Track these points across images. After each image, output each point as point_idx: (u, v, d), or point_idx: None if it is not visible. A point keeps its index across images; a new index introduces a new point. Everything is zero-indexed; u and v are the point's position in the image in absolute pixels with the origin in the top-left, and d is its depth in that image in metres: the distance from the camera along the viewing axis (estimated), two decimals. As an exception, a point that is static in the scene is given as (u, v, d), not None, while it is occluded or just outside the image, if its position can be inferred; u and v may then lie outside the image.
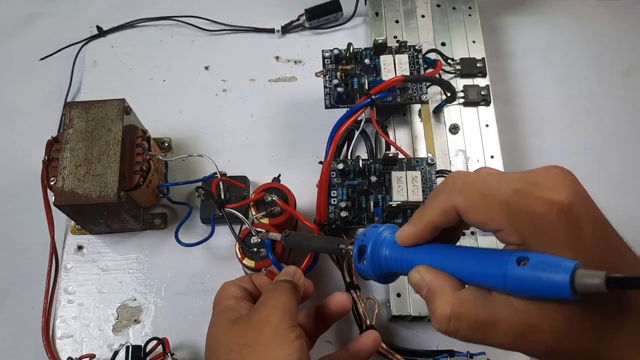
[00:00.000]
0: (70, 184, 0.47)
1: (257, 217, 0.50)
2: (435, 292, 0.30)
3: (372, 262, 0.35)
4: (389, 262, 0.34)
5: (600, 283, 0.25)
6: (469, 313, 0.29)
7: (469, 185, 0.30)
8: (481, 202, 0.29)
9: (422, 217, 0.32)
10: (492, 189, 0.29)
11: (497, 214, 0.29)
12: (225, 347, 0.38)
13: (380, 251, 0.34)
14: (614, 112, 0.63)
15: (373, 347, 0.44)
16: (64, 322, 0.53)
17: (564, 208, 0.27)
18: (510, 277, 0.27)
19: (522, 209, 0.28)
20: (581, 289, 0.25)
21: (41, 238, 0.54)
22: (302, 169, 0.57)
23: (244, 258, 0.48)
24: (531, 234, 0.28)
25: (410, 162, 0.52)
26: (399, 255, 0.33)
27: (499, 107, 0.59)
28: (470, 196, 0.30)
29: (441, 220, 0.31)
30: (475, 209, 0.29)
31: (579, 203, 0.28)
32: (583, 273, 0.25)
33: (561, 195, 0.28)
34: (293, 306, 0.39)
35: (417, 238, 0.33)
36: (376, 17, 0.63)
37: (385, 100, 0.53)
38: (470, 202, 0.30)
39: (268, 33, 0.66)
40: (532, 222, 0.28)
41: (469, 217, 0.30)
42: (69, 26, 0.67)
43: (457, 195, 0.30)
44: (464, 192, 0.30)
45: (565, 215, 0.27)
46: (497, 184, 0.29)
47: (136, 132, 0.52)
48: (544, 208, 0.27)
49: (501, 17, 0.69)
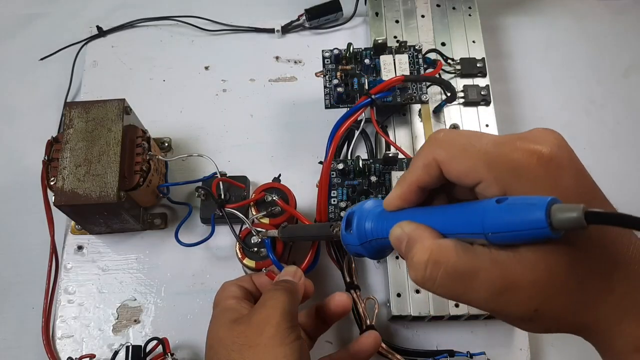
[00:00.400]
0: (70, 184, 0.47)
1: (257, 217, 0.50)
2: (415, 241, 0.29)
3: (357, 230, 0.34)
4: (376, 229, 0.33)
5: (579, 216, 0.23)
6: (448, 260, 0.27)
7: (450, 138, 0.30)
8: (461, 153, 0.29)
9: (405, 177, 0.32)
10: (472, 141, 0.29)
11: (477, 164, 0.28)
12: (226, 347, 0.38)
13: (366, 219, 0.34)
14: (614, 112, 0.63)
15: (373, 347, 0.44)
16: (64, 322, 0.53)
17: (544, 157, 0.27)
18: (489, 219, 0.27)
19: (502, 158, 0.28)
20: (559, 224, 0.24)
21: (41, 238, 0.54)
22: (302, 169, 0.57)
23: (244, 258, 0.48)
24: (511, 183, 0.27)
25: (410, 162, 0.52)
26: (384, 222, 0.33)
27: (499, 107, 0.59)
28: (451, 148, 0.29)
29: (423, 177, 0.31)
30: (456, 160, 0.29)
31: (561, 155, 0.28)
32: (560, 207, 0.24)
33: (542, 146, 0.27)
34: (293, 306, 0.39)
35: (402, 200, 0.32)
36: (376, 17, 0.63)
37: (385, 100, 0.53)
38: (451, 154, 0.29)
39: (268, 33, 0.66)
40: (513, 170, 0.27)
41: (449, 169, 0.30)
42: (69, 26, 0.67)
43: (438, 148, 0.30)
44: (444, 144, 0.30)
45: (545, 164, 0.27)
46: (478, 138, 0.29)
47: (136, 132, 0.52)
48: (524, 156, 0.27)
49: (501, 17, 0.69)
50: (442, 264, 0.28)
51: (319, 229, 0.42)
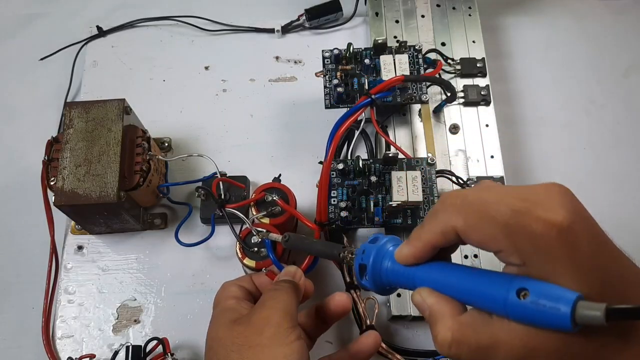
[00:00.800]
0: (70, 184, 0.47)
1: (257, 216, 0.50)
2: (437, 317, 0.31)
3: (373, 278, 0.35)
4: (390, 278, 0.35)
5: (601, 316, 0.25)
6: (470, 338, 0.29)
7: (467, 205, 0.30)
8: (481, 223, 0.29)
9: (420, 236, 0.33)
10: (491, 209, 0.29)
11: (497, 235, 0.29)
12: (225, 348, 0.38)
13: (380, 269, 0.35)
14: (614, 112, 0.63)
15: (373, 347, 0.44)
16: (64, 322, 0.53)
17: (564, 228, 0.27)
18: (511, 306, 0.28)
19: (521, 230, 0.28)
20: (581, 321, 0.26)
21: (41, 238, 0.54)
22: (302, 169, 0.57)
23: (244, 258, 0.48)
24: (531, 254, 0.28)
25: (410, 162, 0.52)
26: (399, 272, 0.34)
27: (499, 107, 0.59)
28: (470, 217, 0.30)
29: (440, 240, 0.32)
30: (475, 230, 0.30)
31: (578, 222, 0.28)
32: (584, 305, 0.26)
33: (560, 215, 0.27)
34: (293, 306, 0.39)
35: (416, 258, 0.33)
36: (376, 17, 0.63)
37: (385, 100, 0.53)
38: (470, 224, 0.30)
39: (268, 33, 0.66)
40: (532, 243, 0.28)
41: (469, 238, 0.30)
42: (69, 26, 0.67)
43: (456, 216, 0.30)
44: (462, 213, 0.30)
45: (564, 236, 0.27)
46: (496, 205, 0.29)
47: (136, 132, 0.52)
48: (543, 229, 0.27)
49: (501, 17, 0.69)
50: (464, 343, 0.30)
51: (326, 248, 0.42)
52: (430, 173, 0.51)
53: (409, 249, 0.33)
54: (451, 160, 0.56)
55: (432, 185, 0.51)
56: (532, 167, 0.60)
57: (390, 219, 0.50)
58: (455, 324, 0.30)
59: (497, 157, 0.56)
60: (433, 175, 0.51)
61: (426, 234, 0.32)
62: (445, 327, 0.30)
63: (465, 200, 0.30)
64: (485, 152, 0.56)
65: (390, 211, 0.50)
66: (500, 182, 0.54)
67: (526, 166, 0.60)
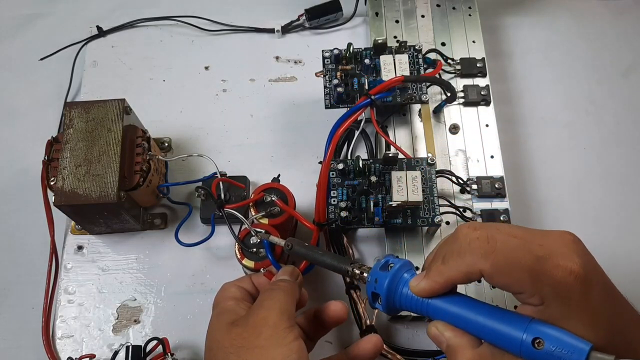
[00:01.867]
0: (70, 184, 0.47)
1: (256, 217, 0.50)
2: (456, 349, 0.33)
3: (387, 306, 0.36)
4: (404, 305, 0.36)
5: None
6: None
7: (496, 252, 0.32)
8: (508, 268, 0.32)
9: (442, 273, 0.34)
10: (516, 256, 0.32)
11: (522, 279, 0.31)
12: (224, 350, 0.38)
13: (394, 297, 0.36)
14: (614, 112, 0.63)
15: (374, 351, 0.43)
16: (64, 322, 0.53)
17: (580, 276, 0.30)
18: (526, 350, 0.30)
19: (544, 276, 0.31)
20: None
21: (41, 238, 0.54)
22: (302, 169, 0.57)
23: (243, 258, 0.48)
24: (550, 297, 0.31)
25: (410, 162, 0.52)
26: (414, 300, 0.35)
27: (499, 107, 0.59)
28: (498, 263, 0.32)
29: (462, 280, 0.34)
30: (502, 275, 0.32)
31: (591, 271, 0.31)
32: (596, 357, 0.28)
33: (577, 264, 0.31)
34: (290, 306, 0.39)
35: (432, 292, 0.35)
36: (376, 17, 0.63)
37: (385, 100, 0.53)
38: (498, 269, 0.32)
39: (268, 33, 0.66)
40: (553, 287, 0.31)
41: (494, 280, 0.33)
42: (69, 26, 0.67)
43: (484, 261, 0.32)
44: (491, 258, 0.32)
45: (581, 283, 0.30)
46: (521, 251, 0.32)
47: (136, 132, 0.52)
48: (563, 275, 0.30)
49: (501, 17, 0.69)
50: None
51: (333, 261, 0.41)
52: (430, 173, 0.51)
53: (427, 283, 0.35)
54: (451, 160, 0.56)
55: (432, 185, 0.51)
56: (532, 167, 0.60)
57: (390, 219, 0.50)
58: (476, 355, 0.33)
59: (497, 157, 0.56)
60: (433, 175, 0.51)
61: (449, 271, 0.34)
62: (466, 357, 0.33)
63: (494, 246, 0.32)
64: (485, 152, 0.56)
65: (390, 211, 0.50)
66: (500, 183, 0.54)
67: (526, 166, 0.60)
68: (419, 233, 0.53)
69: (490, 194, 0.54)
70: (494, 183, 0.54)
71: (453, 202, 0.54)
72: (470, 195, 0.54)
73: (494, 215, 0.53)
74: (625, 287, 0.55)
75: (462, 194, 0.55)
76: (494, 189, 0.54)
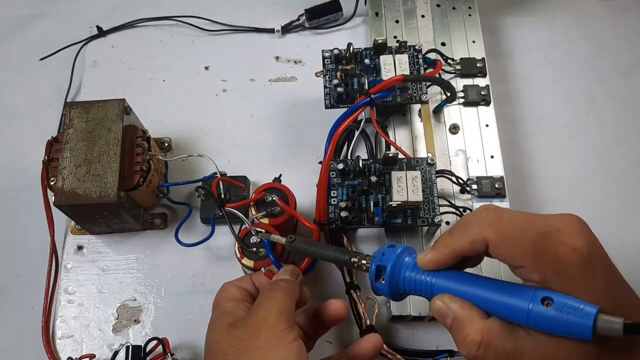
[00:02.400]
0: (70, 184, 0.47)
1: (257, 216, 0.50)
2: (464, 321, 0.32)
3: (390, 282, 0.36)
4: (409, 283, 0.35)
5: (619, 328, 0.28)
6: (497, 342, 0.31)
7: (502, 221, 0.32)
8: (512, 239, 0.32)
9: (448, 243, 0.34)
10: (522, 228, 0.32)
11: (525, 252, 0.31)
12: (223, 352, 0.37)
13: (399, 272, 0.36)
14: (614, 112, 0.63)
15: (373, 351, 0.43)
16: (64, 322, 0.53)
17: (584, 255, 0.30)
18: (534, 314, 0.30)
19: (547, 251, 0.31)
20: (601, 332, 0.29)
21: (41, 238, 0.54)
22: (302, 169, 0.57)
23: (243, 258, 0.48)
24: (552, 274, 0.31)
25: (410, 162, 0.52)
26: (419, 278, 0.35)
27: (499, 107, 0.59)
28: (503, 232, 0.32)
29: (467, 249, 0.33)
30: (506, 245, 0.32)
31: (595, 251, 0.31)
32: (604, 319, 0.29)
33: (581, 243, 0.31)
34: (290, 306, 0.39)
35: (439, 263, 0.34)
36: (376, 17, 0.63)
37: (385, 100, 0.53)
38: (502, 238, 0.32)
39: (268, 33, 0.66)
40: (555, 264, 0.31)
41: (497, 250, 0.32)
42: (69, 26, 0.67)
43: (490, 230, 0.32)
44: (497, 227, 0.32)
45: (584, 262, 0.30)
46: (527, 224, 0.32)
47: (136, 132, 0.52)
48: (567, 253, 0.30)
49: (501, 17, 0.69)
50: (492, 347, 0.31)
51: (336, 253, 0.41)
52: (430, 173, 0.51)
53: (433, 254, 0.35)
54: (451, 160, 0.56)
55: (432, 185, 0.51)
56: (532, 167, 0.60)
57: (390, 219, 0.50)
58: (485, 327, 0.32)
59: (497, 157, 0.56)
60: (433, 175, 0.51)
61: (455, 241, 0.34)
62: (475, 329, 0.32)
63: (501, 217, 0.33)
64: (485, 152, 0.56)
65: (390, 211, 0.50)
66: (500, 183, 0.54)
67: (526, 166, 0.60)
68: (419, 233, 0.53)
69: (490, 194, 0.54)
70: (494, 183, 0.54)
71: (453, 202, 0.54)
72: (470, 195, 0.54)
73: (494, 215, 0.53)
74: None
75: (462, 194, 0.55)
76: (494, 189, 0.54)
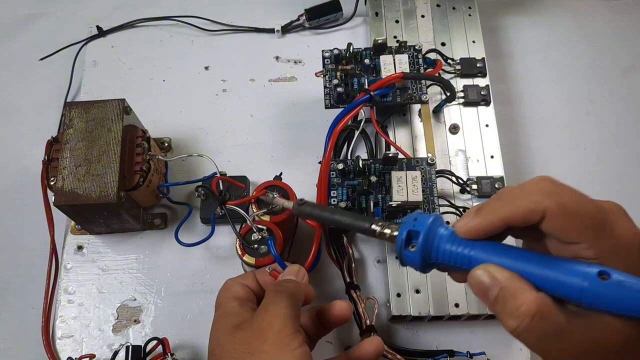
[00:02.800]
0: (70, 184, 0.47)
1: (257, 214, 0.50)
2: (516, 291, 0.29)
3: (423, 250, 0.32)
4: (444, 253, 0.32)
5: None
6: (553, 317, 0.28)
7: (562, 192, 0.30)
8: (573, 212, 0.29)
9: (496, 210, 0.31)
10: (583, 202, 0.30)
11: (585, 226, 0.29)
12: (228, 355, 0.37)
13: (434, 240, 0.32)
14: (614, 112, 0.63)
15: (375, 355, 0.43)
16: (64, 322, 0.53)
17: None
18: (589, 290, 0.28)
19: (608, 228, 0.29)
20: None
21: (41, 238, 0.54)
22: (302, 169, 0.57)
23: (244, 255, 0.48)
24: (608, 252, 0.29)
25: (410, 162, 0.52)
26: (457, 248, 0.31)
27: (499, 107, 0.59)
28: (565, 203, 0.29)
29: (519, 219, 0.30)
30: (566, 217, 0.29)
31: None
32: None
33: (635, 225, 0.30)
34: (296, 310, 0.38)
35: (482, 232, 0.31)
36: (376, 17, 0.63)
37: (385, 100, 0.53)
38: (564, 209, 0.29)
39: (268, 33, 0.66)
40: (614, 242, 0.29)
41: (555, 223, 0.29)
42: (69, 26, 0.68)
43: (550, 199, 0.29)
44: (558, 197, 0.29)
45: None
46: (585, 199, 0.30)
47: (136, 132, 0.52)
48: (627, 234, 0.29)
49: (501, 17, 0.69)
50: (548, 320, 0.28)
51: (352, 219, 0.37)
52: (430, 173, 0.51)
53: (477, 221, 0.31)
54: (451, 160, 0.56)
55: (432, 185, 0.51)
56: (532, 167, 0.60)
57: (390, 219, 0.50)
58: (539, 297, 0.28)
59: (497, 157, 0.56)
60: (433, 175, 0.51)
61: (504, 208, 0.30)
62: (530, 299, 0.28)
63: (562, 188, 0.30)
64: (485, 152, 0.56)
65: (390, 211, 0.50)
66: (500, 183, 0.54)
67: (526, 166, 0.60)
68: (419, 233, 0.53)
69: (490, 194, 0.54)
70: (494, 183, 0.54)
71: (453, 202, 0.54)
72: (470, 195, 0.54)
73: (494, 215, 0.53)
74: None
75: (462, 194, 0.55)
76: (494, 189, 0.54)
